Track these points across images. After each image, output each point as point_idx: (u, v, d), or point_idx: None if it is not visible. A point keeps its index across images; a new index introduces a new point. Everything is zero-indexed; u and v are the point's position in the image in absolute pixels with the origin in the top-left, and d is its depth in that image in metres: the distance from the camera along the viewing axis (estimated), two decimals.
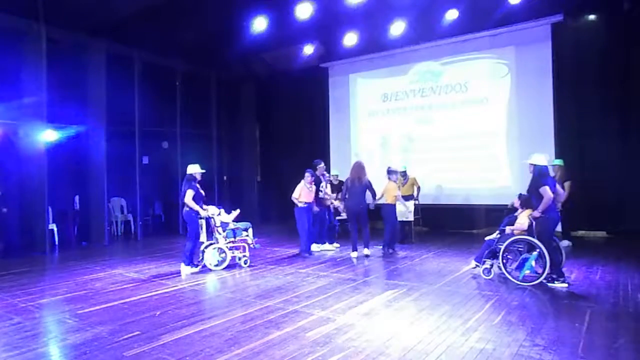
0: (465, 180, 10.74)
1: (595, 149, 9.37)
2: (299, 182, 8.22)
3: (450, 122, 11.00)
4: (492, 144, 10.51)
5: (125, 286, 6.07)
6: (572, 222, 9.71)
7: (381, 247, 8.30)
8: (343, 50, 11.77)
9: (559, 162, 8.29)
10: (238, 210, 7.57)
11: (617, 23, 9.19)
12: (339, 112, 13.00)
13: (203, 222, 7.18)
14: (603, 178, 9.28)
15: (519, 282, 5.67)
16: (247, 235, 7.37)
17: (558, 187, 5.85)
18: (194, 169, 7.09)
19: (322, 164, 8.73)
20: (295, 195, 8.12)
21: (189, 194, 6.94)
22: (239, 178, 14.19)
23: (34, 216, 9.06)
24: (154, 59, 11.54)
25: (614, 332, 3.97)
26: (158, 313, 4.80)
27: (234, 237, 7.26)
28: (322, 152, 12.77)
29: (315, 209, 8.30)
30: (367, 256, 7.85)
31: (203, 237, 7.23)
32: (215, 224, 7.15)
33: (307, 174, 8.22)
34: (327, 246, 8.72)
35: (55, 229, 9.55)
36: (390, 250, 8.19)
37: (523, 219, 5.96)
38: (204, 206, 7.14)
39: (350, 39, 11.05)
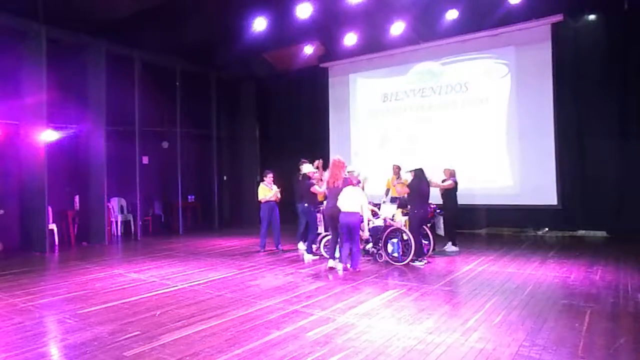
0: (465, 180, 10.71)
1: (595, 148, 9.37)
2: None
3: (451, 122, 11.00)
4: (492, 144, 10.51)
5: (125, 286, 6.07)
6: (572, 222, 9.76)
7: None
8: (343, 50, 11.77)
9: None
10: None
11: (617, 23, 9.19)
12: (338, 112, 13.00)
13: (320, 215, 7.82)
14: (603, 178, 9.29)
15: (392, 262, 7.03)
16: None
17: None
18: (308, 168, 8.02)
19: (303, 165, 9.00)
20: (260, 196, 8.64)
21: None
22: (239, 178, 14.19)
23: (33, 216, 9.06)
24: (154, 59, 11.55)
25: (614, 332, 3.97)
26: (158, 313, 4.80)
27: None
28: (322, 152, 12.74)
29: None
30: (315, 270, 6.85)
31: (321, 228, 7.96)
32: None
33: (269, 175, 8.75)
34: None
35: (55, 229, 9.53)
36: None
37: (398, 215, 7.39)
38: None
39: (350, 39, 11.04)
